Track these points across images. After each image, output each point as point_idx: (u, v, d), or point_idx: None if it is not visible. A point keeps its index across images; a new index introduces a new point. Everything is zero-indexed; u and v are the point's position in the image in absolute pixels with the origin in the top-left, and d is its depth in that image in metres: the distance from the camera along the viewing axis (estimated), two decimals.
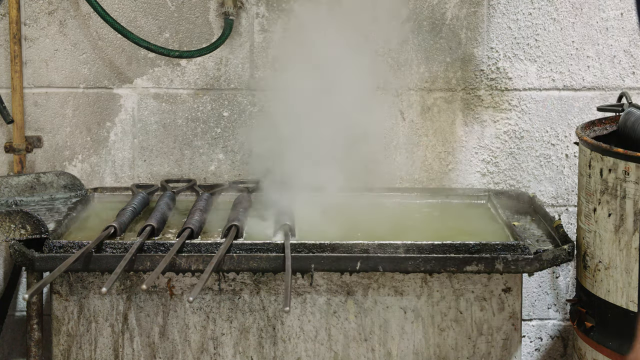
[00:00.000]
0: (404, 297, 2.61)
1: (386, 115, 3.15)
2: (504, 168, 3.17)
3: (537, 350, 3.29)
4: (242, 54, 3.14)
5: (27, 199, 2.91)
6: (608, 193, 2.49)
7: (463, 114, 3.16)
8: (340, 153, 3.15)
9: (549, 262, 2.54)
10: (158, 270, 2.38)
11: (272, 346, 2.62)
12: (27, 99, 3.13)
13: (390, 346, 2.63)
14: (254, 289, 2.60)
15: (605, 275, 2.53)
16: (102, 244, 2.51)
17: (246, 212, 2.77)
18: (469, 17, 3.12)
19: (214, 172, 3.18)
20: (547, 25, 3.13)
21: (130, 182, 3.16)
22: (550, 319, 3.27)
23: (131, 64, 3.14)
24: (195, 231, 2.58)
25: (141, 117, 3.16)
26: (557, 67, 3.14)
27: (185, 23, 3.12)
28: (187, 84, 3.15)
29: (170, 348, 2.62)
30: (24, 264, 2.52)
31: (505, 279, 2.61)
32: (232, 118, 3.16)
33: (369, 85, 3.13)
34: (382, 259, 2.51)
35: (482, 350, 2.64)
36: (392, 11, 3.11)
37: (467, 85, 3.15)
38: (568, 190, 3.19)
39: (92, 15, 3.08)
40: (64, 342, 2.62)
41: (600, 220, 2.53)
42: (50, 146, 3.16)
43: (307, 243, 2.52)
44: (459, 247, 2.52)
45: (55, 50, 3.12)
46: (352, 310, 2.61)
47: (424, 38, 3.13)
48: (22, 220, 2.56)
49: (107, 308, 2.60)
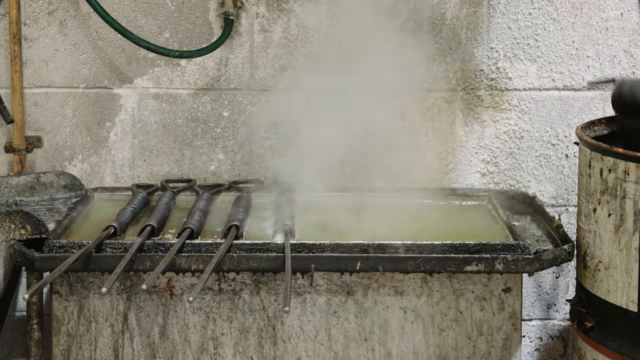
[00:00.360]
0: (404, 297, 2.60)
1: (386, 115, 3.15)
2: (504, 168, 3.17)
3: (537, 350, 3.29)
4: (242, 54, 3.14)
5: (27, 199, 2.91)
6: (608, 193, 2.49)
7: (463, 114, 3.16)
8: (340, 153, 3.15)
9: (549, 262, 2.54)
10: (158, 270, 2.38)
11: (272, 346, 2.62)
12: (27, 99, 3.13)
13: (390, 346, 2.63)
14: (254, 289, 2.60)
15: (605, 275, 2.53)
16: (102, 244, 2.51)
17: (246, 212, 2.77)
18: (469, 17, 3.12)
19: (214, 172, 3.18)
20: (547, 25, 3.13)
21: (130, 182, 3.16)
22: (550, 319, 3.27)
23: (131, 64, 3.14)
24: (195, 231, 2.58)
25: (141, 117, 3.16)
26: (557, 67, 3.14)
27: (185, 23, 3.12)
28: (187, 84, 3.15)
29: (170, 348, 2.62)
30: (24, 264, 2.52)
31: (505, 279, 2.61)
32: (232, 118, 3.16)
33: (368, 85, 3.13)
34: (382, 259, 2.51)
35: (482, 350, 2.64)
36: (392, 11, 3.11)
37: (467, 85, 3.14)
38: (568, 190, 3.19)
39: (92, 15, 3.08)
40: (64, 342, 2.62)
41: (600, 220, 2.53)
42: (50, 146, 3.16)
43: (307, 243, 2.52)
44: (459, 247, 2.52)
45: (55, 50, 3.12)
46: (352, 310, 2.61)
47: (424, 38, 3.13)
48: (22, 220, 2.55)
49: (107, 308, 2.60)
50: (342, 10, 3.10)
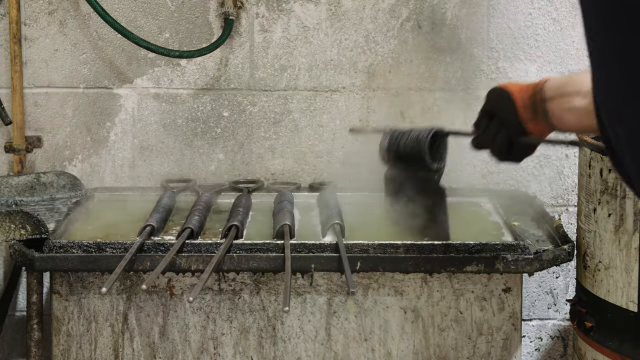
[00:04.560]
0: (404, 297, 2.60)
1: (386, 115, 3.15)
2: (504, 168, 3.17)
3: (537, 350, 3.29)
4: (242, 54, 3.14)
5: (27, 199, 2.91)
6: (608, 193, 2.49)
7: (463, 114, 3.15)
8: (339, 153, 3.15)
9: (549, 262, 2.54)
10: (158, 270, 2.38)
11: (272, 346, 2.62)
12: (27, 99, 3.13)
13: (390, 346, 2.63)
14: (254, 289, 2.60)
15: (605, 275, 2.53)
16: (101, 244, 2.51)
17: (246, 212, 2.77)
18: (469, 17, 3.12)
19: (214, 172, 3.18)
20: (547, 25, 3.13)
21: (130, 182, 3.17)
22: (550, 319, 3.27)
23: (131, 64, 3.14)
24: (195, 231, 2.58)
25: (141, 117, 3.16)
26: (557, 67, 3.14)
27: (185, 23, 3.12)
28: (187, 84, 3.15)
29: (170, 348, 2.62)
30: (24, 264, 2.52)
31: (505, 279, 2.61)
32: (232, 118, 3.16)
33: (368, 85, 3.13)
34: (382, 259, 2.51)
35: (482, 350, 2.64)
36: (392, 11, 3.11)
37: (467, 85, 3.14)
38: (568, 190, 3.19)
39: (92, 15, 3.08)
40: (64, 342, 2.62)
41: (600, 220, 2.53)
42: (50, 146, 3.16)
43: (307, 243, 2.52)
44: (459, 247, 2.52)
45: (55, 50, 3.12)
46: (352, 310, 2.61)
47: (424, 38, 3.13)
48: (22, 220, 2.55)
49: (107, 308, 2.60)
50: (342, 9, 3.09)
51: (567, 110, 1.94)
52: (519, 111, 2.04)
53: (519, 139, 2.07)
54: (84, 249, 2.50)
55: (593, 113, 1.10)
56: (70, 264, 2.49)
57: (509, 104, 2.06)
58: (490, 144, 2.13)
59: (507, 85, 2.09)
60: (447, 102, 3.15)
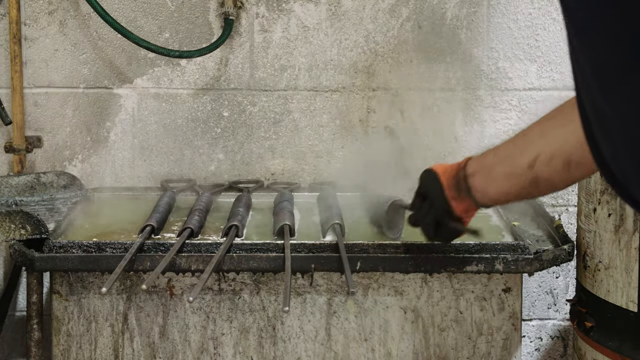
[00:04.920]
0: (404, 297, 2.60)
1: (386, 115, 3.15)
2: None
3: (537, 350, 3.29)
4: (242, 54, 3.14)
5: (27, 199, 2.91)
6: (608, 193, 2.49)
7: (463, 114, 3.15)
8: (339, 153, 3.15)
9: (549, 262, 2.54)
10: (158, 270, 2.38)
11: (272, 346, 2.62)
12: (27, 99, 3.13)
13: (390, 346, 2.63)
14: (254, 289, 2.60)
15: (605, 275, 2.53)
16: (101, 244, 2.51)
17: (246, 212, 2.77)
18: (469, 17, 3.12)
19: (214, 172, 3.18)
20: (547, 25, 3.13)
21: (130, 182, 3.17)
22: (550, 319, 3.27)
23: (131, 64, 3.14)
24: (195, 231, 2.58)
25: (141, 117, 3.16)
26: (557, 67, 3.14)
27: (185, 23, 3.12)
28: (187, 84, 3.15)
29: (170, 348, 2.62)
30: (24, 264, 2.52)
31: (505, 279, 2.61)
32: (232, 118, 3.16)
33: (368, 85, 3.13)
34: (382, 259, 2.51)
35: (482, 350, 2.64)
36: (392, 11, 3.11)
37: (467, 85, 3.14)
38: (568, 190, 3.19)
39: (92, 15, 3.08)
40: (64, 342, 2.62)
41: (600, 220, 2.53)
42: (50, 146, 3.16)
43: (307, 243, 2.52)
44: (459, 247, 2.52)
45: (55, 50, 3.12)
46: (352, 310, 2.61)
47: (424, 38, 3.13)
48: (22, 220, 2.55)
49: (107, 308, 2.60)
50: (342, 9, 3.10)
51: (490, 180, 2.06)
52: (445, 191, 2.17)
53: (445, 221, 2.21)
54: (84, 249, 2.50)
55: (513, 176, 1.07)
56: (70, 264, 2.49)
57: (435, 184, 2.20)
58: (420, 224, 2.30)
59: (435, 166, 2.23)
60: (447, 102, 3.15)
